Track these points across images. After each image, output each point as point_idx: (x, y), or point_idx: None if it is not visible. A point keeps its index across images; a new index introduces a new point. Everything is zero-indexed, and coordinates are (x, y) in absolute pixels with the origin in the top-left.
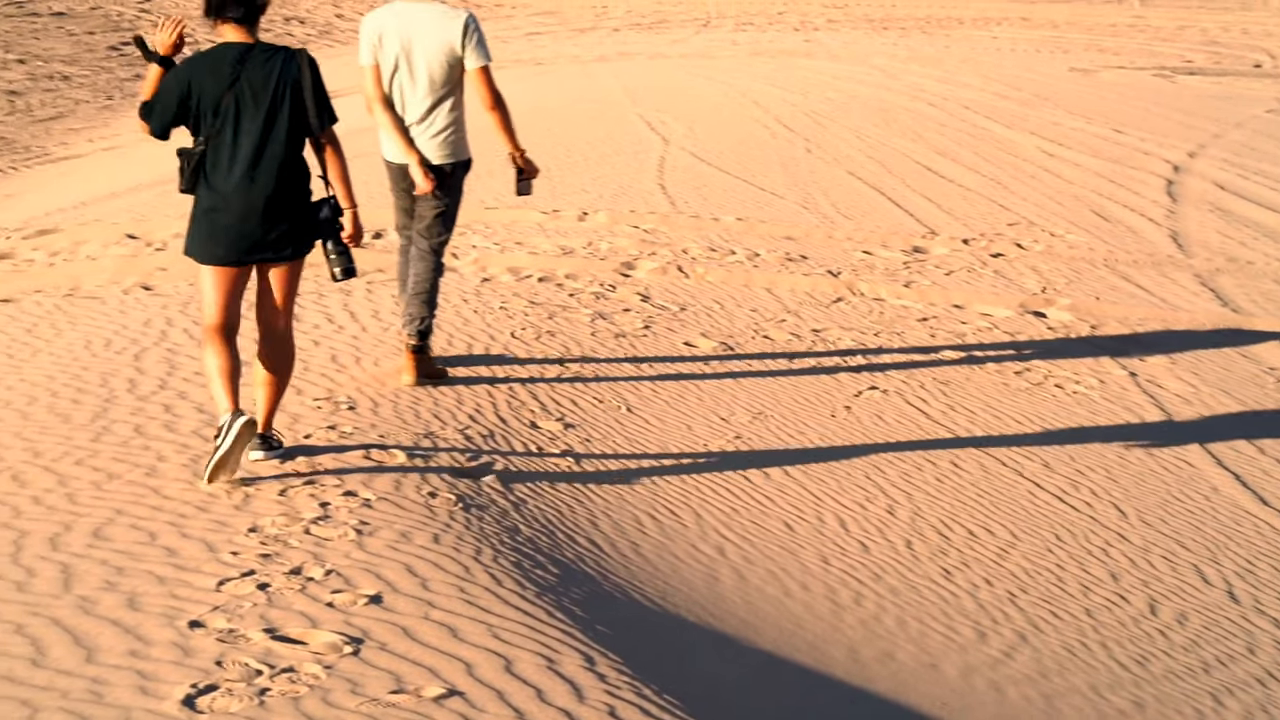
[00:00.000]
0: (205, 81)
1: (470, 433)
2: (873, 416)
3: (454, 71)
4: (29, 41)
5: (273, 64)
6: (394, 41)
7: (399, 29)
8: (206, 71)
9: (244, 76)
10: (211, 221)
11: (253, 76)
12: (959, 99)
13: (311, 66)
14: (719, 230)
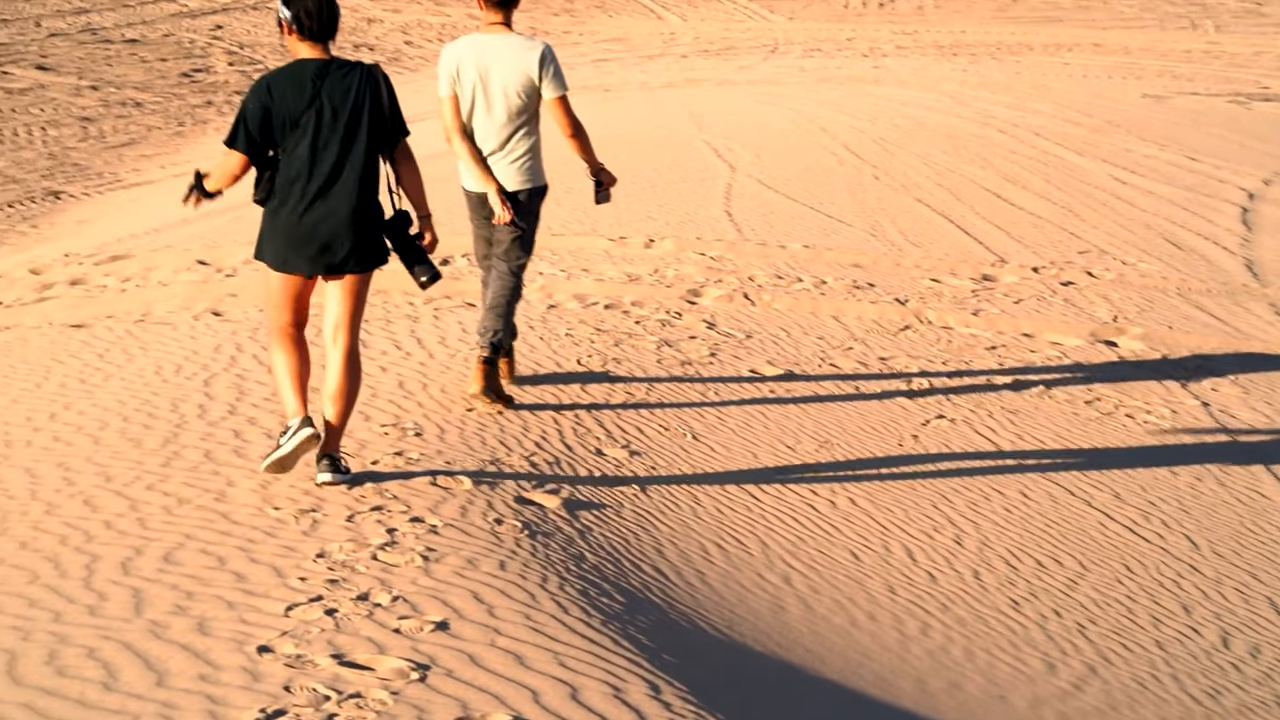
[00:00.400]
0: (286, 97)
1: (536, 459)
2: (940, 445)
3: (531, 101)
4: (102, 68)
5: (351, 79)
6: (471, 72)
7: (476, 59)
8: (286, 87)
9: (324, 92)
10: (286, 232)
11: (333, 92)
12: (1029, 125)
13: (386, 82)
14: (785, 257)
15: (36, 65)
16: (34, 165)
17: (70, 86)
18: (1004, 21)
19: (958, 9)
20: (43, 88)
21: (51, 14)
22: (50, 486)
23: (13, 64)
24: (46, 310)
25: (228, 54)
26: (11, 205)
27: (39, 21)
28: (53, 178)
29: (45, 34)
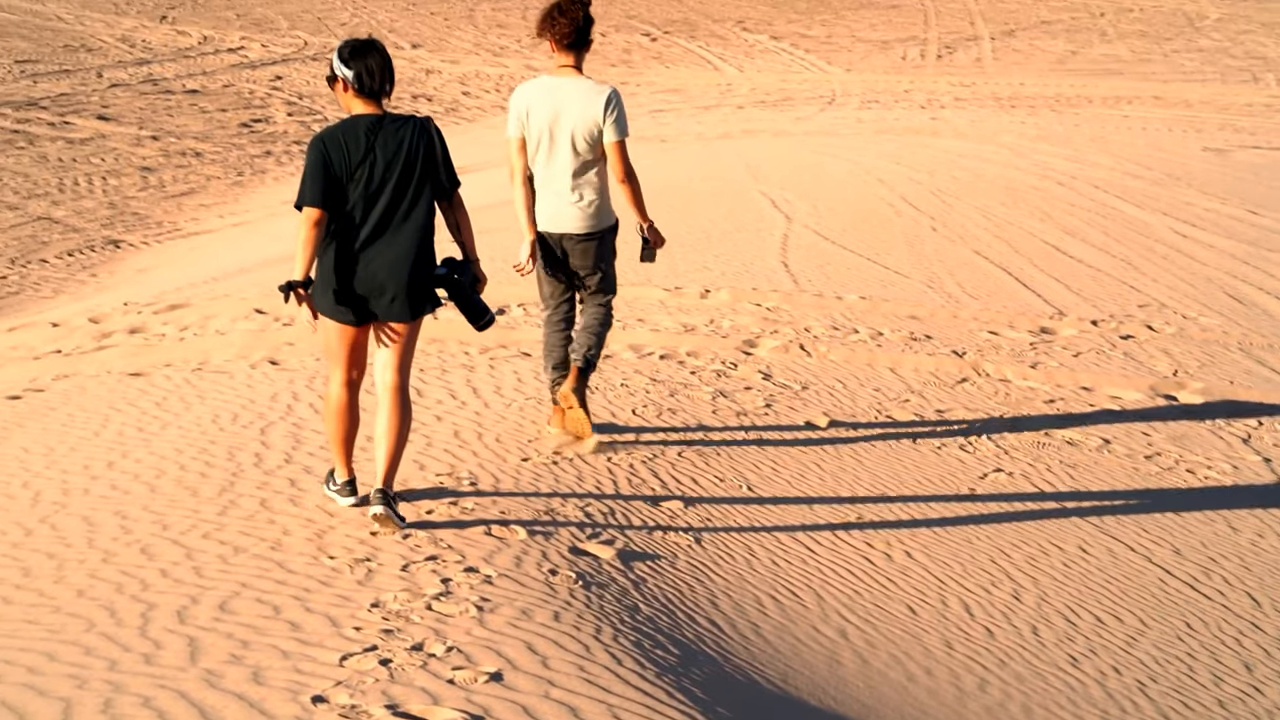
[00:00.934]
0: (342, 149)
1: (591, 510)
2: (998, 499)
3: (598, 144)
4: (163, 118)
5: (404, 133)
6: (542, 114)
7: (547, 102)
8: (342, 142)
9: (377, 145)
10: (340, 282)
11: (385, 145)
12: (1088, 178)
13: (438, 134)
14: (842, 309)
15: (98, 115)
16: (94, 214)
17: (131, 136)
18: (1063, 74)
19: (1016, 61)
20: (104, 137)
21: (113, 65)
22: (107, 534)
23: (75, 114)
24: (105, 359)
25: (287, 104)
26: (72, 254)
27: (101, 72)
28: (113, 227)
29: (107, 84)
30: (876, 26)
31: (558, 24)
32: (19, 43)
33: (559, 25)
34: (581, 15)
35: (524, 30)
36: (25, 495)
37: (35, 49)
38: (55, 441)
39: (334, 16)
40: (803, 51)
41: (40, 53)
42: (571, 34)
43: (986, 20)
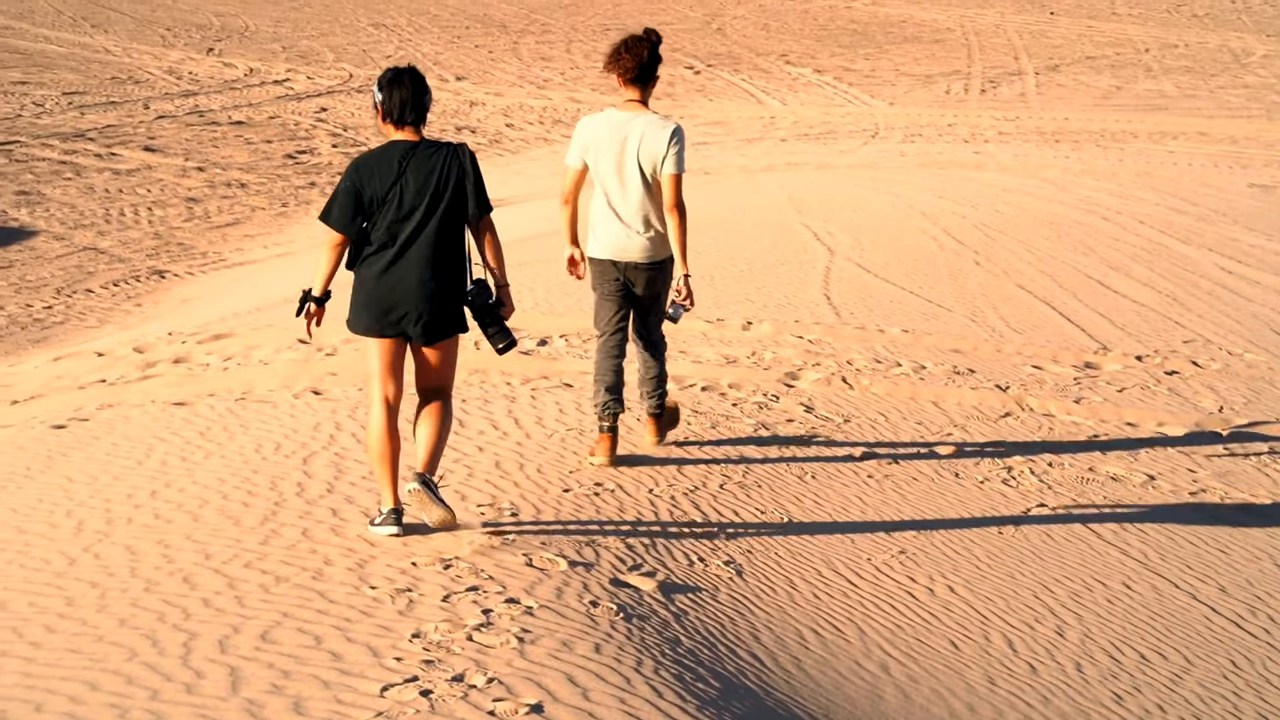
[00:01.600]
0: (375, 175)
1: (632, 541)
2: (1041, 534)
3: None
4: (208, 150)
5: (436, 158)
6: (608, 147)
7: (613, 134)
8: (376, 166)
9: (409, 170)
10: (370, 298)
11: (417, 170)
12: (1133, 213)
13: (471, 160)
14: (884, 342)
15: (144, 147)
16: (140, 245)
17: (177, 167)
18: (1108, 109)
19: (1060, 96)
20: (150, 168)
21: (160, 96)
22: (150, 563)
23: (121, 145)
24: (149, 388)
25: (331, 136)
26: (117, 284)
27: (148, 104)
28: (158, 257)
29: (153, 116)
30: (920, 61)
31: (624, 59)
32: (67, 75)
33: (625, 61)
34: (647, 52)
35: (568, 63)
36: (69, 524)
37: (83, 81)
38: (99, 470)
39: (379, 49)
40: (846, 85)
41: (88, 85)
42: (637, 69)
43: (1030, 55)
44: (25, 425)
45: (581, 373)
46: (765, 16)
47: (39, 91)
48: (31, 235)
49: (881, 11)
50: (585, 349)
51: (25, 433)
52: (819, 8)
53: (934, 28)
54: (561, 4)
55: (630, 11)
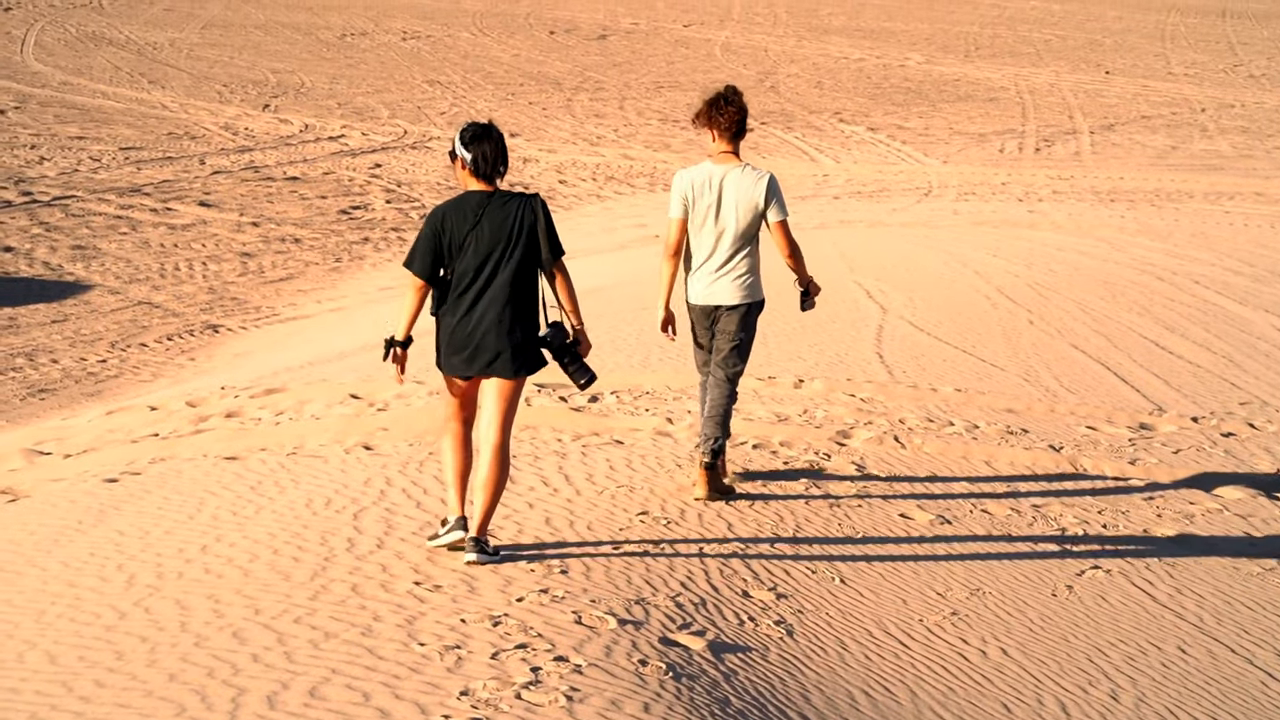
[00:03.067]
0: (453, 223)
1: (681, 600)
2: (1095, 597)
3: (755, 224)
4: (263, 205)
5: (509, 207)
6: (706, 197)
7: (711, 186)
8: (454, 215)
9: (485, 218)
10: (452, 341)
11: (493, 218)
12: (1189, 273)
13: (544, 208)
14: (937, 401)
15: (200, 201)
16: (194, 299)
17: (232, 222)
18: (1163, 169)
19: (1115, 155)
20: (205, 223)
21: (216, 152)
22: (200, 618)
23: (177, 200)
24: (202, 442)
25: (385, 191)
26: (171, 338)
27: (203, 159)
28: (212, 311)
29: (209, 171)
30: (974, 119)
31: (725, 114)
32: (124, 130)
33: (726, 116)
34: (743, 105)
35: (621, 120)
36: (120, 578)
37: (140, 136)
38: (151, 525)
39: (433, 106)
40: (899, 143)
41: (145, 140)
42: (736, 122)
43: (1085, 114)
44: (78, 479)
45: (632, 429)
46: (818, 74)
47: (96, 146)
48: (87, 289)
49: (935, 70)
50: (636, 405)
51: (78, 486)
52: (872, 66)
53: (988, 86)
54: (615, 62)
55: (684, 70)
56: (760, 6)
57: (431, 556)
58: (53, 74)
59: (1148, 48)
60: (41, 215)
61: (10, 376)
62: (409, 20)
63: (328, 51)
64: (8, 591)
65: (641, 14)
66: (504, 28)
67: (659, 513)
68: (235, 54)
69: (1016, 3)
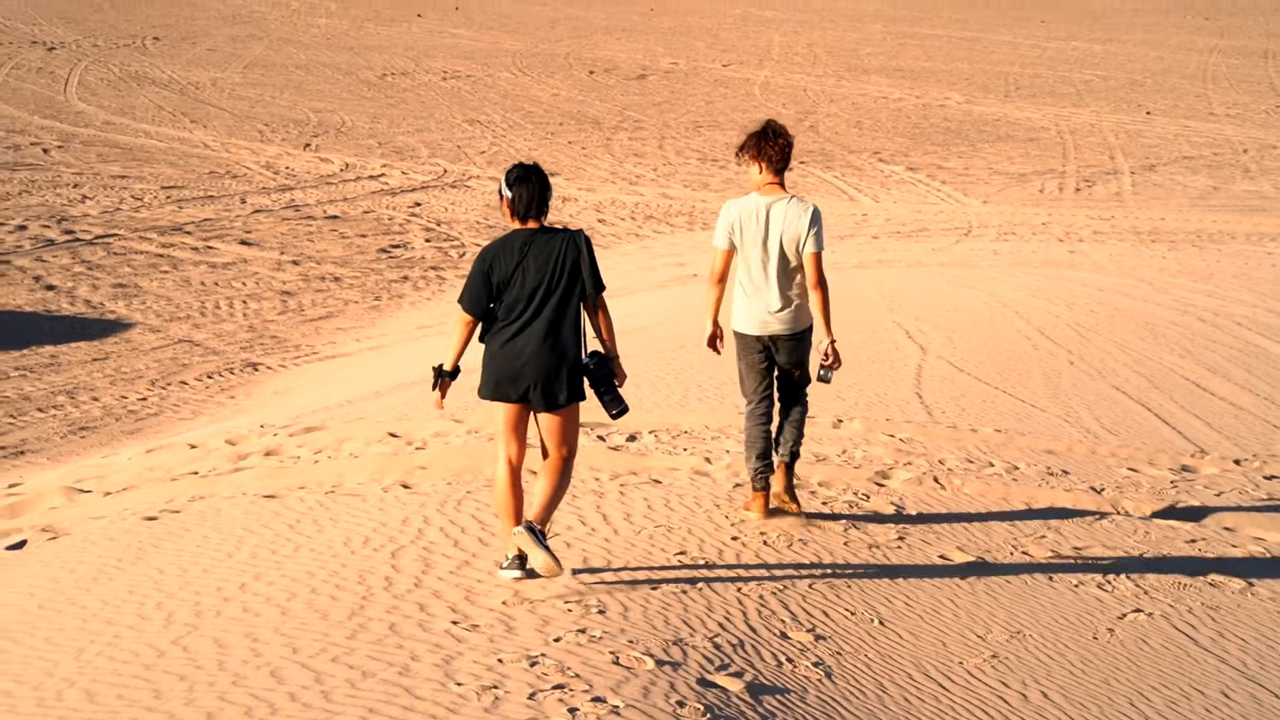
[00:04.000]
0: (501, 261)
1: (719, 640)
2: (1137, 640)
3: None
4: (303, 243)
5: (553, 244)
6: (753, 229)
7: (758, 218)
8: (501, 252)
9: (530, 254)
10: (495, 367)
11: (537, 254)
12: (1231, 315)
13: (587, 244)
14: (977, 442)
15: (241, 240)
16: (234, 337)
17: (272, 261)
18: (1204, 209)
19: (1156, 196)
20: (245, 262)
21: (257, 191)
22: (238, 657)
23: (218, 239)
24: (240, 480)
25: (425, 230)
26: (211, 376)
27: (244, 198)
28: (251, 349)
29: (250, 210)
30: (1014, 159)
31: (774, 146)
32: (166, 169)
33: (775, 148)
34: (789, 138)
35: (660, 160)
36: (159, 616)
37: (182, 175)
38: (189, 563)
39: (473, 145)
40: (939, 183)
41: (186, 179)
42: (781, 155)
43: (1126, 154)
44: (118, 517)
45: (669, 469)
46: (858, 114)
47: (138, 185)
48: (128, 327)
49: (975, 110)
50: (674, 445)
51: (117, 524)
52: (912, 106)
53: (1028, 126)
54: (654, 101)
55: (723, 109)
56: (800, 46)
57: (469, 595)
58: (96, 113)
59: (1189, 88)
60: (84, 254)
61: (51, 414)
62: (449, 60)
63: (369, 91)
64: (47, 629)
65: (681, 54)
66: (544, 67)
67: (697, 553)
68: (277, 93)
69: (1057, 43)
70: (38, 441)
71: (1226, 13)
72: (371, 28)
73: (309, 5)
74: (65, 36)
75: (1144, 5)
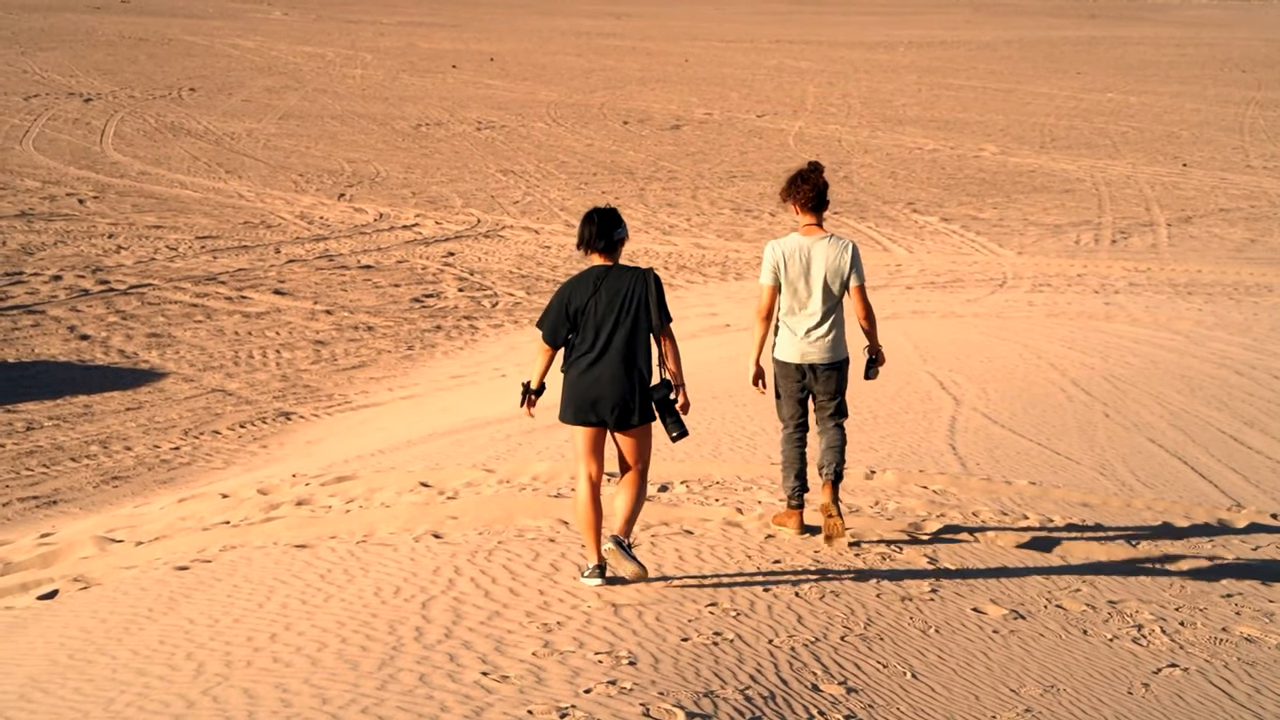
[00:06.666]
0: (577, 292)
1: (750, 693)
2: (1172, 696)
3: (841, 289)
4: (337, 293)
5: (624, 280)
6: (795, 266)
7: (801, 255)
8: (578, 285)
9: (603, 288)
10: (574, 393)
11: (610, 289)
12: (1268, 368)
13: (656, 282)
14: (1011, 494)
15: (274, 290)
16: (267, 387)
17: (306, 310)
18: (1241, 262)
19: (1193, 248)
20: (279, 311)
21: (291, 241)
22: (268, 707)
23: (252, 289)
24: (272, 530)
25: (458, 280)
26: (244, 425)
27: (279, 248)
28: (284, 399)
29: (284, 260)
30: (1049, 210)
31: (802, 190)
32: (201, 219)
33: (803, 191)
34: (821, 182)
35: (694, 209)
36: (189, 666)
37: (216, 225)
38: (220, 613)
39: (507, 195)
40: (974, 234)
41: (221, 229)
42: (813, 197)
43: (1163, 206)
44: (149, 566)
45: (701, 520)
46: (892, 165)
47: (173, 235)
48: (161, 377)
49: (1010, 161)
50: (705, 495)
51: (149, 574)
52: (946, 157)
53: (1064, 178)
54: (688, 152)
55: (757, 160)
56: (834, 97)
57: (500, 646)
58: (131, 164)
59: (1226, 140)
60: (118, 304)
61: (84, 464)
62: (484, 110)
63: (403, 141)
64: (77, 680)
65: (715, 104)
66: (578, 118)
67: (728, 604)
68: (311, 144)
69: (1093, 95)
70: (70, 491)
71: (1263, 65)
72: (406, 78)
73: (344, 57)
74: (102, 88)
75: (1180, 58)
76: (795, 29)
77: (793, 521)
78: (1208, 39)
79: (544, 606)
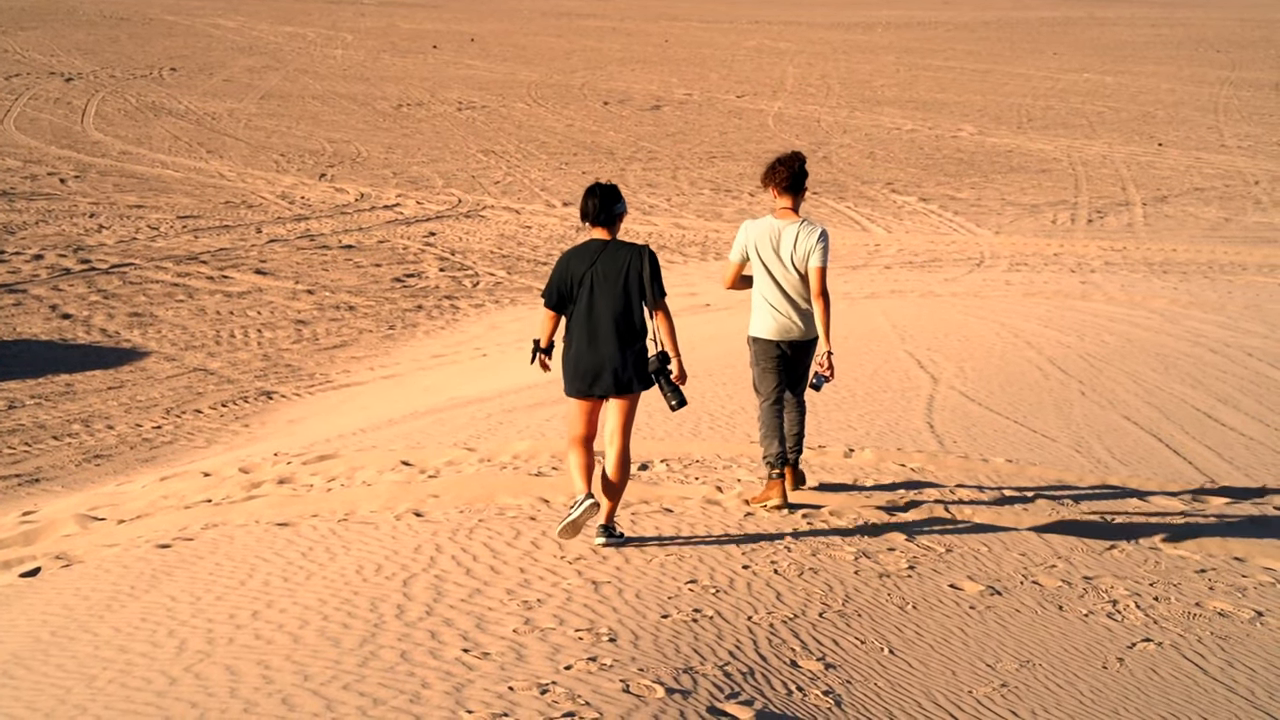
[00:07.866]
0: (574, 264)
1: (730, 669)
2: (1146, 670)
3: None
4: (318, 273)
5: (622, 254)
6: (767, 246)
7: (771, 237)
8: (577, 257)
9: (600, 262)
10: (572, 364)
11: (607, 263)
12: (1242, 346)
13: (651, 259)
14: (988, 471)
15: (256, 269)
16: (249, 366)
17: (287, 290)
18: (1216, 241)
19: (1168, 227)
20: (260, 291)
21: (272, 220)
22: (250, 684)
23: (234, 268)
24: (254, 508)
25: (439, 260)
26: (225, 404)
27: (260, 228)
28: (266, 378)
29: (265, 240)
30: (1026, 190)
31: (779, 172)
32: (182, 199)
33: (779, 173)
34: (797, 166)
35: (674, 190)
36: (171, 644)
37: (198, 205)
38: (202, 590)
39: (488, 175)
40: (951, 213)
41: (202, 209)
42: (789, 180)
43: (1138, 186)
44: (131, 544)
45: (681, 498)
46: (871, 145)
47: (154, 215)
48: (143, 356)
49: (988, 141)
50: (685, 474)
51: (130, 552)
52: (924, 137)
53: (1041, 158)
54: (668, 132)
55: (737, 140)
56: (813, 78)
57: (481, 623)
58: (112, 143)
59: (1201, 120)
60: (100, 283)
61: (67, 442)
62: (465, 91)
63: (384, 121)
64: (60, 656)
65: (695, 85)
66: (558, 98)
67: (708, 581)
68: (293, 124)
69: (1069, 75)
70: (53, 469)
71: (1238, 45)
72: (387, 59)
73: (325, 37)
74: (83, 67)
75: (1155, 38)
76: (774, 9)
77: (775, 492)
78: (1182, 19)
79: (524, 584)
